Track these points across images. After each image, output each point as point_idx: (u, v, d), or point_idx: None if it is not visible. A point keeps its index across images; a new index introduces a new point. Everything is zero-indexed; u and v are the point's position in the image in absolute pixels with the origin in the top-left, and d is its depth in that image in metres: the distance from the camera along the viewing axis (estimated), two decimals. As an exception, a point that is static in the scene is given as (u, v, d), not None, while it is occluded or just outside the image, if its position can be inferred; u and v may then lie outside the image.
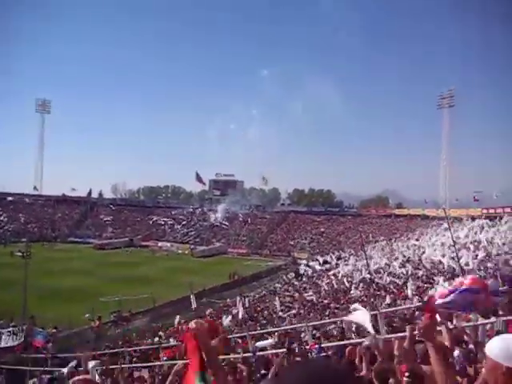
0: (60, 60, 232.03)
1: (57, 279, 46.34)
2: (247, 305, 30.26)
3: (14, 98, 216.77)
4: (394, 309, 15.19)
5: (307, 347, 9.62)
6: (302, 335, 14.47)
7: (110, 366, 10.36)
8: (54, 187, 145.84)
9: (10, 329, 22.10)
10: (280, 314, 26.61)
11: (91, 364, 8.88)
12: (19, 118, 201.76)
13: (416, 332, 4.24)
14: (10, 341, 20.36)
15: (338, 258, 52.90)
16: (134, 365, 13.92)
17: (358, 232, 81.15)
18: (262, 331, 16.90)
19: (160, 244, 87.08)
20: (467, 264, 25.15)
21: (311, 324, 12.90)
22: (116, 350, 18.19)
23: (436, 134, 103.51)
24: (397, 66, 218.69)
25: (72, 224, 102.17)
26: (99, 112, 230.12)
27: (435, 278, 25.34)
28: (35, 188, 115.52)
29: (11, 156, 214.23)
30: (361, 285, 29.63)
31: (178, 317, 25.96)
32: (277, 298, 31.31)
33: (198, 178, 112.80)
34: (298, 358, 7.44)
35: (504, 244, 32.12)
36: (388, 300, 21.92)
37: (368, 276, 28.31)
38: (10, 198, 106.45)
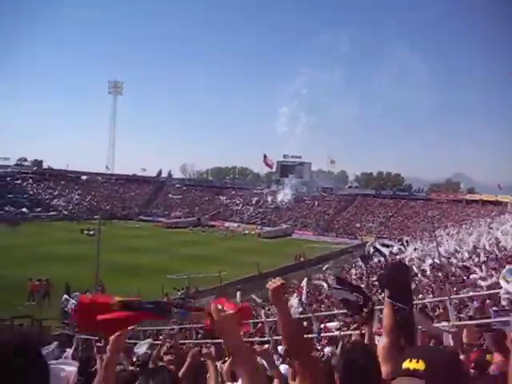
0: (131, 41, 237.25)
1: (126, 256, 47.66)
2: (312, 287, 30.24)
3: (86, 80, 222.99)
4: (464, 295, 14.78)
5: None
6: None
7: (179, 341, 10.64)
8: (125, 167, 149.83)
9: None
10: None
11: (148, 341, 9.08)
12: (92, 99, 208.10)
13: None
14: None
15: (406, 242, 51.95)
16: (201, 341, 14.23)
17: (427, 217, 79.39)
18: (326, 313, 16.85)
19: (227, 224, 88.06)
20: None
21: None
22: (183, 326, 18.58)
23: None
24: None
25: (142, 203, 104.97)
26: (168, 93, 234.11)
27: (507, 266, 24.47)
28: (107, 167, 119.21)
29: (85, 136, 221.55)
30: (428, 270, 29.04)
31: (238, 294, 26.34)
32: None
33: (266, 161, 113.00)
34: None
35: None
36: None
37: (437, 261, 27.67)
38: (84, 177, 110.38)
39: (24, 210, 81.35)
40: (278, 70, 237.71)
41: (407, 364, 1.42)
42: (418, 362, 1.40)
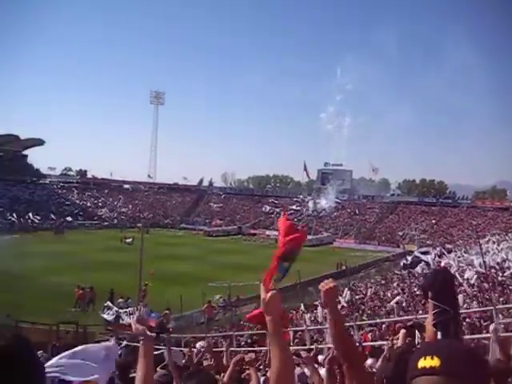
0: (174, 54, 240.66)
1: (168, 263, 48.24)
2: (354, 295, 29.96)
3: (129, 90, 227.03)
4: (510, 306, 14.44)
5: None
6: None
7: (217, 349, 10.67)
8: (167, 176, 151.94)
9: (129, 309, 23.53)
10: (388, 305, 26.09)
11: (199, 344, 9.14)
12: (135, 109, 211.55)
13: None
14: (127, 319, 21.64)
15: (450, 251, 51.04)
16: (241, 348, 14.25)
17: (472, 225, 77.80)
18: (368, 321, 16.67)
19: (268, 232, 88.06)
20: None
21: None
22: (224, 334, 18.64)
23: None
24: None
25: (183, 211, 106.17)
26: (209, 103, 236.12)
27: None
28: (149, 176, 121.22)
29: (128, 145, 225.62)
30: (474, 279, 28.41)
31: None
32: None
33: (305, 169, 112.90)
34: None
35: None
36: None
37: (482, 270, 27.06)
38: (126, 186, 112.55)
39: (69, 218, 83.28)
40: (320, 76, 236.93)
41: (422, 362, 1.36)
42: (432, 358, 1.33)
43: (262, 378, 5.83)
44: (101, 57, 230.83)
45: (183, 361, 7.91)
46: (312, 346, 11.34)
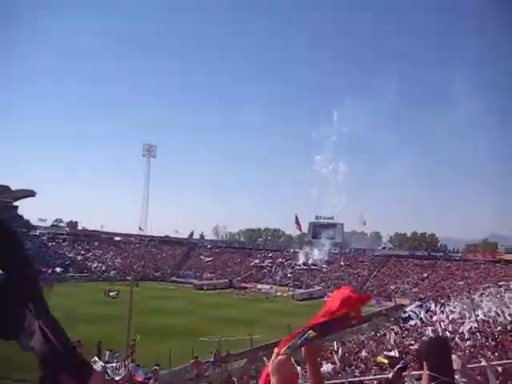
0: (166, 106, 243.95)
1: (157, 317, 47.60)
2: (346, 350, 29.54)
3: (121, 142, 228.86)
4: (505, 362, 14.21)
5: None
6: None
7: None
8: (158, 228, 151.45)
9: (114, 364, 22.98)
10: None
11: None
12: (127, 161, 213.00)
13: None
14: (114, 375, 21.10)
15: (443, 305, 50.69)
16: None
17: (464, 278, 77.56)
18: (362, 378, 16.39)
19: (259, 286, 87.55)
20: None
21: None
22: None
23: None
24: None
25: (174, 264, 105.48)
26: (200, 157, 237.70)
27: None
28: (140, 228, 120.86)
29: (120, 197, 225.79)
30: (466, 334, 28.12)
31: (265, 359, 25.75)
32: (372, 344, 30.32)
33: (297, 222, 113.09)
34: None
35: None
36: None
37: (475, 325, 26.82)
38: (117, 238, 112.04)
39: (58, 270, 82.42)
40: (312, 127, 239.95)
41: None
42: None
43: None
44: (92, 110, 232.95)
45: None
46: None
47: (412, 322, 44.52)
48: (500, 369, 13.56)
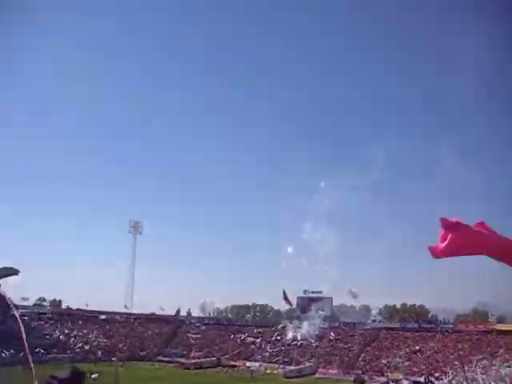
0: (152, 184, 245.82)
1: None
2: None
3: (106, 219, 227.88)
4: None
5: None
6: None
7: None
8: (144, 305, 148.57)
9: None
10: None
11: None
12: (112, 238, 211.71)
13: None
14: None
15: (437, 379, 49.74)
16: None
17: (456, 350, 76.50)
18: None
19: (248, 364, 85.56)
20: None
21: None
22: None
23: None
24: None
25: (160, 343, 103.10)
26: (186, 234, 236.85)
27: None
28: (126, 306, 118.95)
29: (105, 274, 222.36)
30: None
31: None
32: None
33: (285, 297, 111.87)
34: None
35: None
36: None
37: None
38: (102, 317, 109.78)
39: (40, 351, 79.77)
40: (297, 196, 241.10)
41: None
42: None
43: None
44: (75, 188, 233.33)
45: None
46: None
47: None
48: None
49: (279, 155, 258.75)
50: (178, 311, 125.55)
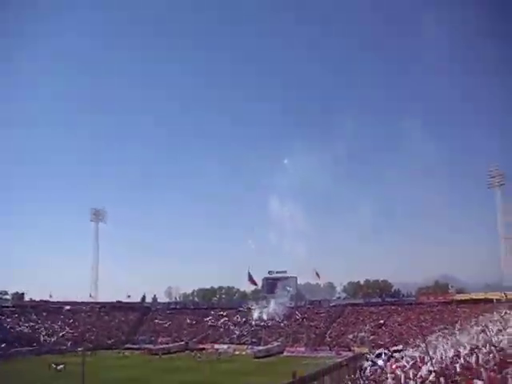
0: (114, 170, 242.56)
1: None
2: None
3: (68, 207, 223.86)
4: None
5: None
6: None
7: None
8: (109, 294, 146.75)
9: None
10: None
11: None
12: (75, 227, 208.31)
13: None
14: None
15: (401, 351, 50.78)
16: None
17: (419, 321, 78.36)
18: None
19: (216, 346, 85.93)
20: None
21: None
22: None
23: (489, 213, 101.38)
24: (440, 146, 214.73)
25: (128, 330, 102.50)
26: (150, 219, 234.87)
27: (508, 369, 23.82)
28: (91, 296, 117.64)
29: (68, 265, 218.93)
30: (426, 376, 28.11)
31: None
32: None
33: (250, 278, 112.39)
34: None
35: None
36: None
37: (433, 368, 26.89)
38: (67, 307, 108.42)
39: (3, 345, 78.30)
40: (260, 178, 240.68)
41: None
42: None
43: None
44: (35, 175, 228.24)
45: None
46: None
47: (372, 369, 44.32)
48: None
49: (242, 133, 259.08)
50: (144, 298, 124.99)
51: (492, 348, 31.02)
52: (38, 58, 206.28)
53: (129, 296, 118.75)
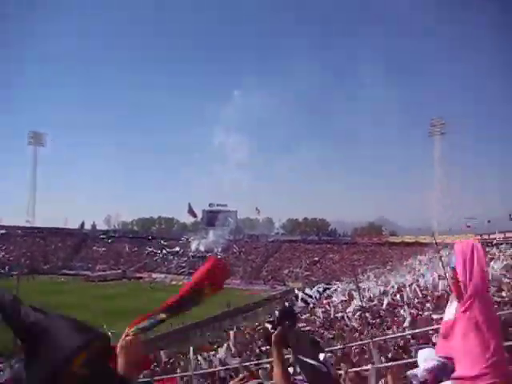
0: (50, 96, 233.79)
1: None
2: (242, 336, 29.90)
3: (8, 130, 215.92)
4: (388, 337, 14.99)
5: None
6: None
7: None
8: (46, 219, 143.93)
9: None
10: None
11: None
12: (13, 150, 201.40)
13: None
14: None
15: (333, 287, 52.63)
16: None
17: (353, 261, 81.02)
18: (257, 362, 16.62)
19: (154, 275, 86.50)
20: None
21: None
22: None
23: (428, 161, 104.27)
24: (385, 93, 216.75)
25: (64, 256, 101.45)
26: (91, 143, 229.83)
27: (427, 304, 25.16)
28: (28, 221, 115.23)
29: (4, 189, 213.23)
30: (356, 314, 29.34)
31: (161, 353, 25.41)
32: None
33: (190, 210, 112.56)
34: None
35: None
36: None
37: (362, 304, 28.05)
38: (2, 231, 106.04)
39: None
40: (202, 115, 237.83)
41: None
42: None
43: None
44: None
45: None
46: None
47: (303, 305, 45.85)
48: (383, 344, 14.28)
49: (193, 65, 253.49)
50: (83, 224, 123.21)
51: (416, 287, 32.61)
52: None
53: (66, 222, 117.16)
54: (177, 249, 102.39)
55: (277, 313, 3.25)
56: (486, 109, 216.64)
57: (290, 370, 3.31)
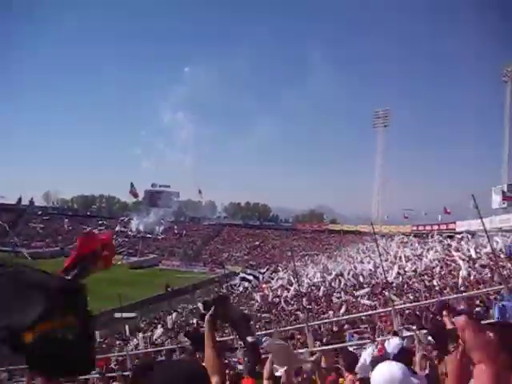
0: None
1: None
2: (180, 317, 29.96)
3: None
4: (321, 322, 15.31)
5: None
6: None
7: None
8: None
9: None
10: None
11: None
12: None
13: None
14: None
15: (272, 272, 53.31)
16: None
17: (293, 247, 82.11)
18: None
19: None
20: (396, 277, 25.91)
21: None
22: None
23: (370, 151, 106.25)
24: (331, 82, 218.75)
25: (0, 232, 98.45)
26: (29, 115, 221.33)
27: (360, 291, 25.82)
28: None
29: None
30: (292, 299, 29.82)
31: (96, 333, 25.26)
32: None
33: (132, 190, 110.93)
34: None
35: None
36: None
37: (299, 289, 28.56)
38: None
39: None
40: (146, 94, 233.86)
41: None
42: None
43: None
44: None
45: None
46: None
47: (242, 288, 46.25)
48: (322, 328, 14.59)
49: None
50: (20, 200, 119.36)
51: (354, 275, 33.42)
52: None
53: (2, 197, 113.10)
54: (117, 228, 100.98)
55: (212, 295, 3.30)
56: (429, 107, 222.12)
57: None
